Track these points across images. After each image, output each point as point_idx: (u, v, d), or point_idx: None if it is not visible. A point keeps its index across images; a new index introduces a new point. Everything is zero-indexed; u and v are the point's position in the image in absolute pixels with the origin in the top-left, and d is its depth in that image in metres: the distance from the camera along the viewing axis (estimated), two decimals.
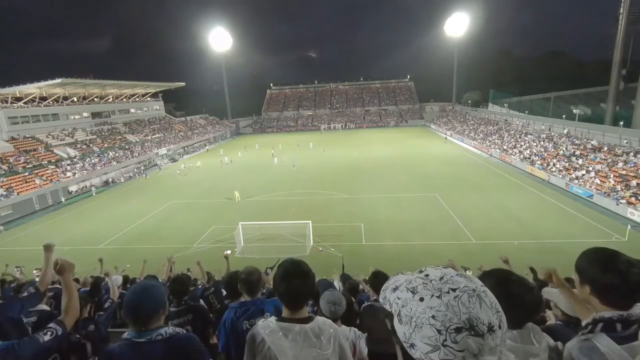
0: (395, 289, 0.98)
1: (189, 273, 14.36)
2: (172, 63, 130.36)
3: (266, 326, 1.87)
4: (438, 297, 0.87)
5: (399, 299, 0.94)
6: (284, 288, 1.88)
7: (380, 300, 1.03)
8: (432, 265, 1.01)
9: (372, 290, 4.61)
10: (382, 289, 1.05)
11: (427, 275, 0.95)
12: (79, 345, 3.94)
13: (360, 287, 8.30)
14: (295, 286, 1.87)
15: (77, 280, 9.32)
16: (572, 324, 2.64)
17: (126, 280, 8.92)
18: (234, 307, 3.10)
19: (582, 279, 1.55)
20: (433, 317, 0.84)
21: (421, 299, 0.88)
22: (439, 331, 0.82)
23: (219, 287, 6.20)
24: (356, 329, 3.33)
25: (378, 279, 4.45)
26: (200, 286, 6.79)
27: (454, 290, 0.87)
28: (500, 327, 0.85)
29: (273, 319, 1.93)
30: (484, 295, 0.88)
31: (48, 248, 3.28)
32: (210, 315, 4.22)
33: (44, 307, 4.16)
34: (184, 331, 2.27)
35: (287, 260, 1.98)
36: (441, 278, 0.92)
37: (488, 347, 0.81)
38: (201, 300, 5.58)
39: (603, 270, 1.45)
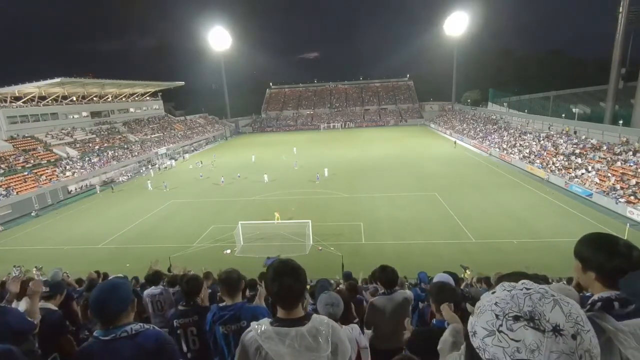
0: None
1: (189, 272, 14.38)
2: (172, 62, 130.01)
3: (261, 332, 1.85)
4: (509, 291, 0.87)
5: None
6: (277, 288, 1.86)
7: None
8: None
9: (381, 285, 4.62)
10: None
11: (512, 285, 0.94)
12: (86, 340, 3.97)
13: (361, 284, 8.32)
14: (286, 284, 1.86)
15: (80, 280, 9.35)
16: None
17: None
18: (214, 310, 3.12)
19: (586, 266, 1.57)
20: (496, 303, 0.85)
21: (493, 292, 0.90)
22: (497, 316, 0.82)
23: (215, 289, 6.19)
24: (355, 325, 3.33)
25: (386, 273, 4.47)
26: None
27: (527, 289, 0.86)
28: (574, 337, 0.77)
29: (267, 322, 1.90)
30: (563, 303, 0.82)
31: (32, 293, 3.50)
32: None
33: (49, 305, 4.15)
34: (154, 327, 2.26)
35: (276, 261, 1.98)
36: (523, 283, 0.91)
37: (550, 349, 0.75)
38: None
39: (608, 256, 1.49)
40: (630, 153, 30.53)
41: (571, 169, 33.09)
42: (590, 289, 1.64)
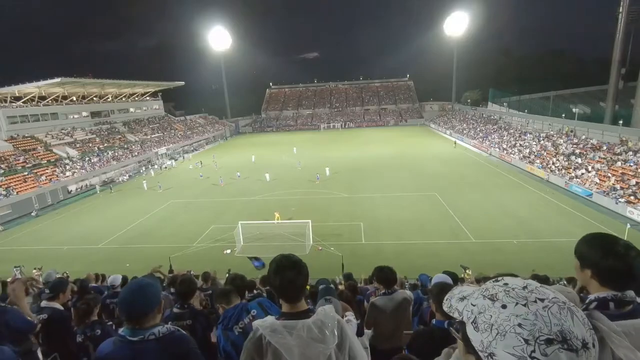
0: (463, 298, 0.94)
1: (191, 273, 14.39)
2: (172, 62, 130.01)
3: (267, 326, 1.86)
4: (524, 305, 0.80)
5: (473, 305, 0.89)
6: (279, 281, 1.89)
7: (445, 308, 0.99)
8: (508, 276, 0.96)
9: (380, 285, 4.65)
10: (446, 298, 1.01)
11: (506, 284, 0.89)
12: (83, 346, 3.96)
13: (360, 285, 8.34)
14: (288, 277, 1.89)
15: (78, 280, 9.34)
16: None
17: (125, 280, 8.90)
18: (220, 321, 3.13)
19: (583, 264, 1.58)
20: (519, 325, 0.77)
21: (503, 306, 0.82)
22: (526, 341, 0.75)
23: (215, 290, 6.20)
24: (351, 318, 3.34)
25: (384, 273, 4.49)
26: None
27: (541, 300, 0.81)
28: (594, 345, 0.78)
29: (272, 318, 1.92)
30: (575, 310, 0.81)
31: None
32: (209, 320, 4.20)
33: (55, 305, 4.16)
34: (179, 330, 2.26)
35: (278, 255, 2.01)
36: (525, 287, 0.86)
37: None
38: None
39: (604, 254, 1.49)
40: (630, 153, 30.54)
41: (571, 169, 33.09)
42: (588, 288, 1.64)
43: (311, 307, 2.00)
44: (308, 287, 7.14)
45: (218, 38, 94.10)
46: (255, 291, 6.33)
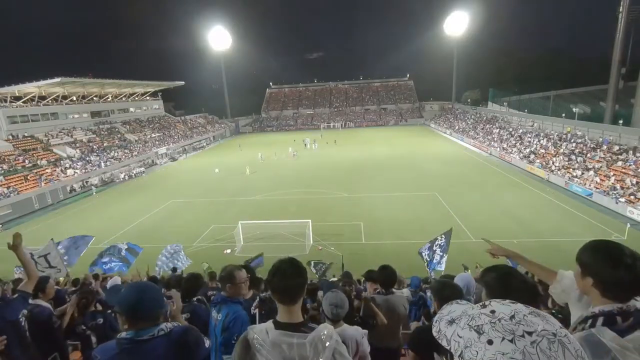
0: (451, 322, 0.89)
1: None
2: (172, 62, 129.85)
3: (261, 331, 1.86)
4: (511, 340, 0.74)
5: (459, 337, 0.84)
6: (277, 284, 1.91)
7: (434, 332, 0.94)
8: (496, 300, 0.88)
9: (379, 285, 4.65)
10: (436, 319, 0.96)
11: (493, 312, 0.83)
12: (84, 336, 3.99)
13: (356, 285, 8.33)
14: (286, 280, 1.90)
15: (77, 280, 9.38)
16: (562, 315, 2.65)
17: (124, 282, 8.93)
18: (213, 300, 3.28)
19: (585, 272, 1.55)
20: None
21: (489, 342, 0.76)
22: None
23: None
24: (359, 327, 3.35)
25: (384, 274, 4.49)
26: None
27: (529, 333, 0.75)
28: None
29: (271, 325, 1.91)
30: (566, 341, 0.75)
31: (15, 246, 3.54)
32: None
33: (39, 302, 4.17)
34: (178, 324, 2.33)
35: (277, 260, 2.03)
36: (512, 317, 0.80)
37: None
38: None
39: (612, 265, 1.46)
40: (630, 152, 30.54)
41: (571, 169, 33.09)
42: (587, 296, 1.61)
43: (310, 324, 1.97)
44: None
45: (218, 38, 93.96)
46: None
